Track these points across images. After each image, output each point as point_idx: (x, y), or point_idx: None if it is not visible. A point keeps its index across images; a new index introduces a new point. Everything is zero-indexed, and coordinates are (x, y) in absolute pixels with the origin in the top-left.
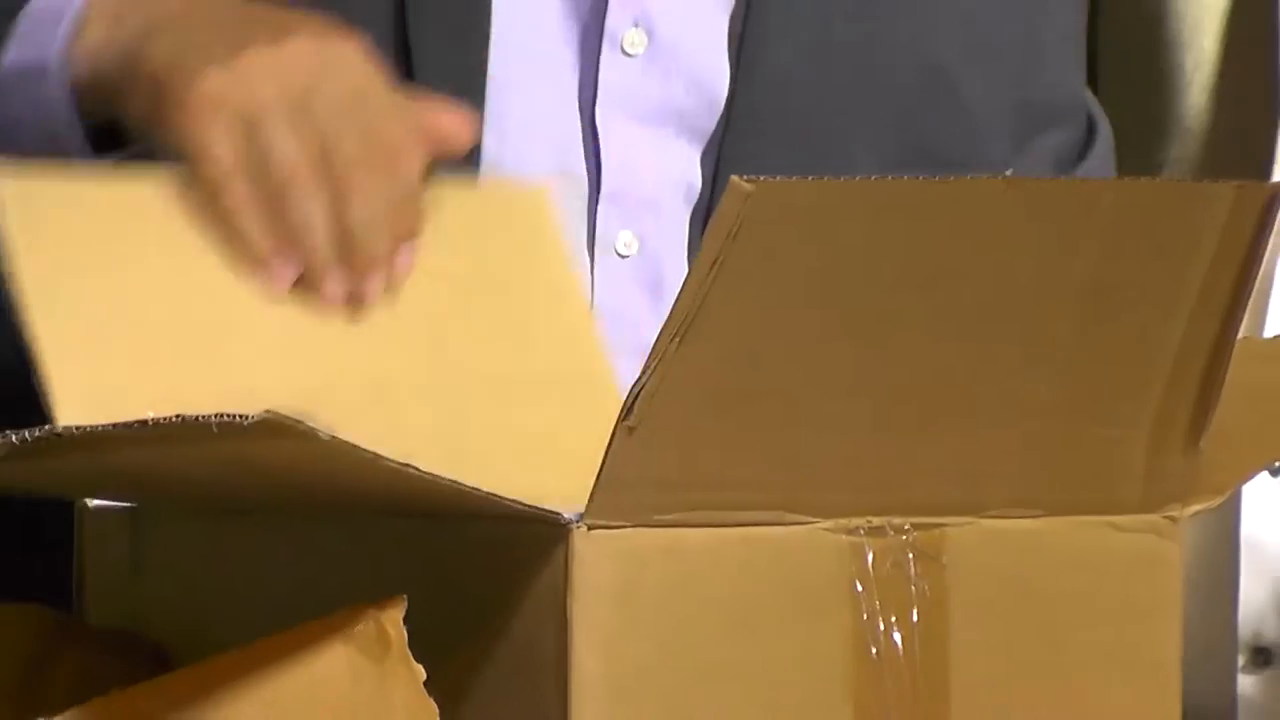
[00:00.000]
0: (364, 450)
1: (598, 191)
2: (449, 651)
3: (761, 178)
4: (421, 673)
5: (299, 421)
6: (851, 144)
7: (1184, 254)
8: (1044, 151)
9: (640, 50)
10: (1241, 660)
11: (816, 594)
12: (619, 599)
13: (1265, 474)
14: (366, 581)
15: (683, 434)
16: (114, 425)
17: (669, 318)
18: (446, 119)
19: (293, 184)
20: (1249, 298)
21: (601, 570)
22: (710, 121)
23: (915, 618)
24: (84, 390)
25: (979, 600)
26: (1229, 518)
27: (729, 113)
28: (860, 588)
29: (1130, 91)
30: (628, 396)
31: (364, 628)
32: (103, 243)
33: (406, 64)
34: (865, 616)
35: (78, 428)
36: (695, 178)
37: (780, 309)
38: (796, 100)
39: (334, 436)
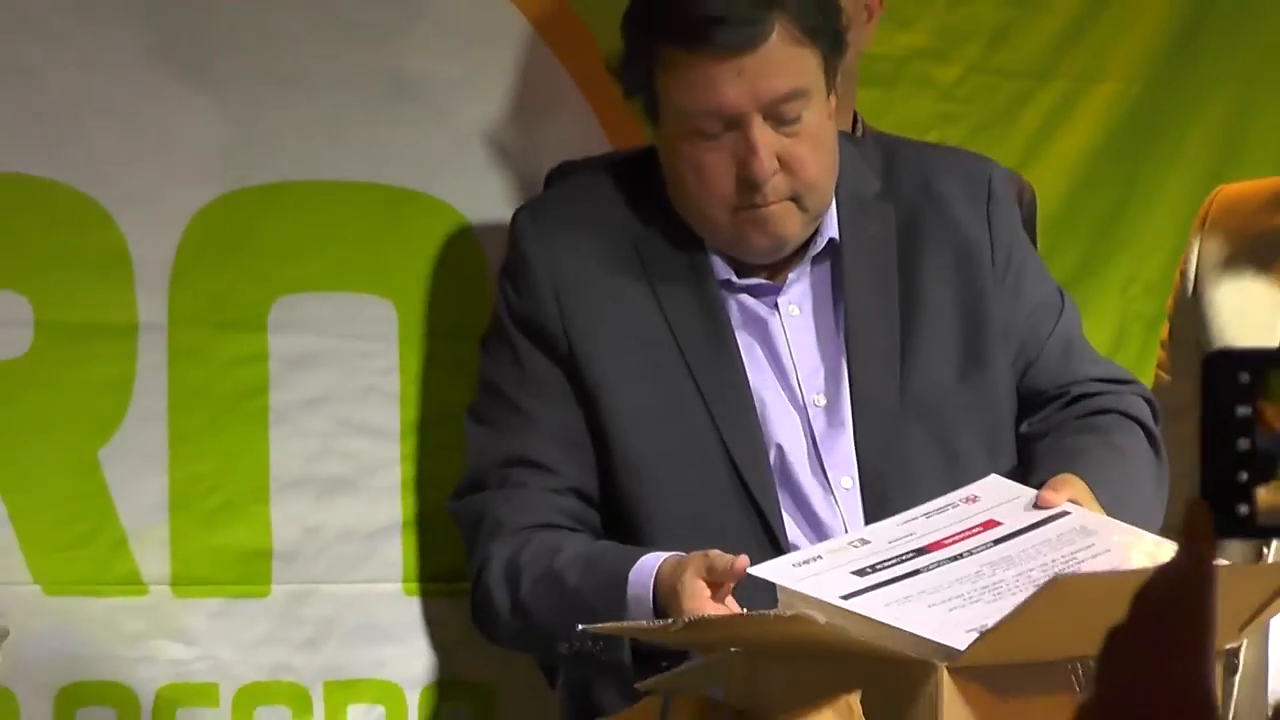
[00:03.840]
0: (832, 627)
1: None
2: None
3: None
4: None
5: (808, 614)
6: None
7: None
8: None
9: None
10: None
11: (1057, 687)
12: (965, 705)
13: None
14: (830, 685)
15: (999, 637)
16: (722, 616)
17: (1007, 618)
18: (736, 566)
19: None
20: None
21: (955, 688)
22: None
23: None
24: None
25: None
26: (1263, 649)
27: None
28: (1078, 683)
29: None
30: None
31: (841, 703)
32: None
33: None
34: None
35: (706, 617)
36: None
37: (1058, 622)
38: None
39: (826, 621)
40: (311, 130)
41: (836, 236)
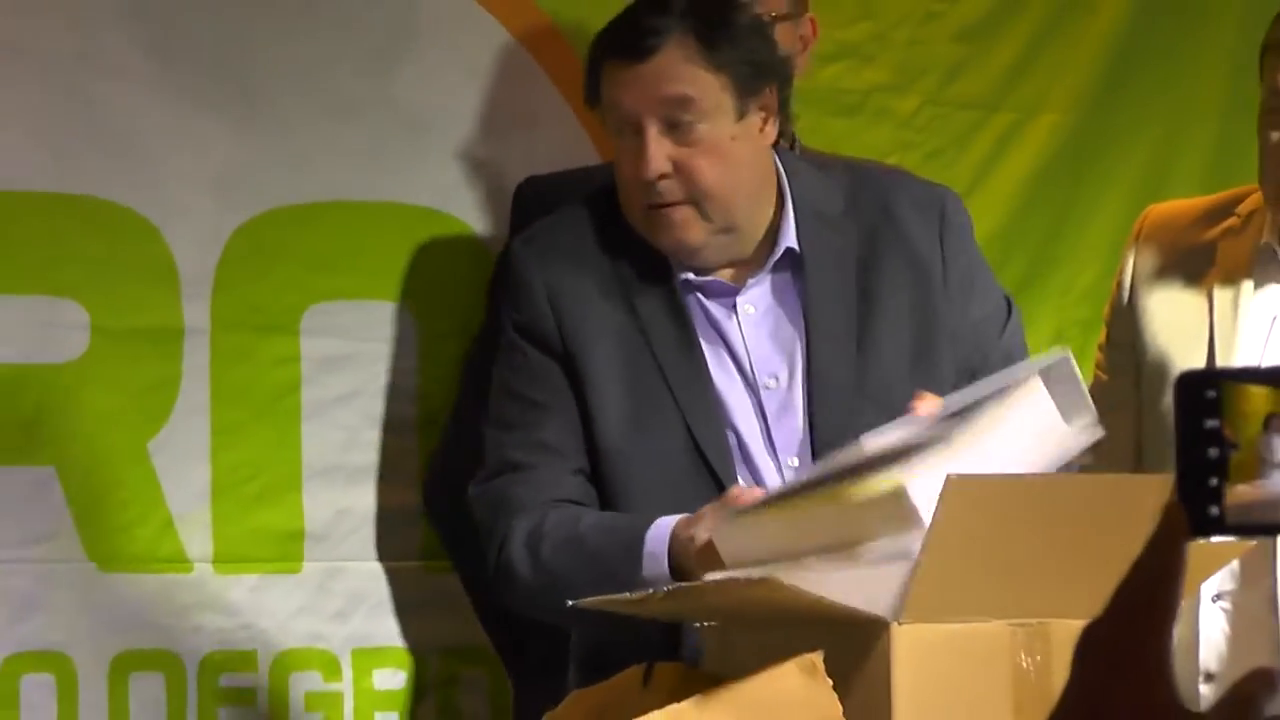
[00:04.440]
0: (797, 589)
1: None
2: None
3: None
4: (829, 683)
5: (773, 577)
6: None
7: (1145, 509)
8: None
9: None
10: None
11: (997, 648)
12: (914, 659)
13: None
14: (794, 648)
15: (936, 590)
16: (695, 585)
17: (926, 539)
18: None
19: None
20: None
21: (904, 643)
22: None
23: (1037, 658)
24: None
25: (1061, 648)
26: (1194, 623)
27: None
28: (1016, 644)
29: (1157, 442)
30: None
31: (802, 661)
32: None
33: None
34: (1021, 656)
35: (682, 586)
36: None
37: (974, 539)
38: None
39: (790, 584)
40: (338, 156)
41: (795, 247)
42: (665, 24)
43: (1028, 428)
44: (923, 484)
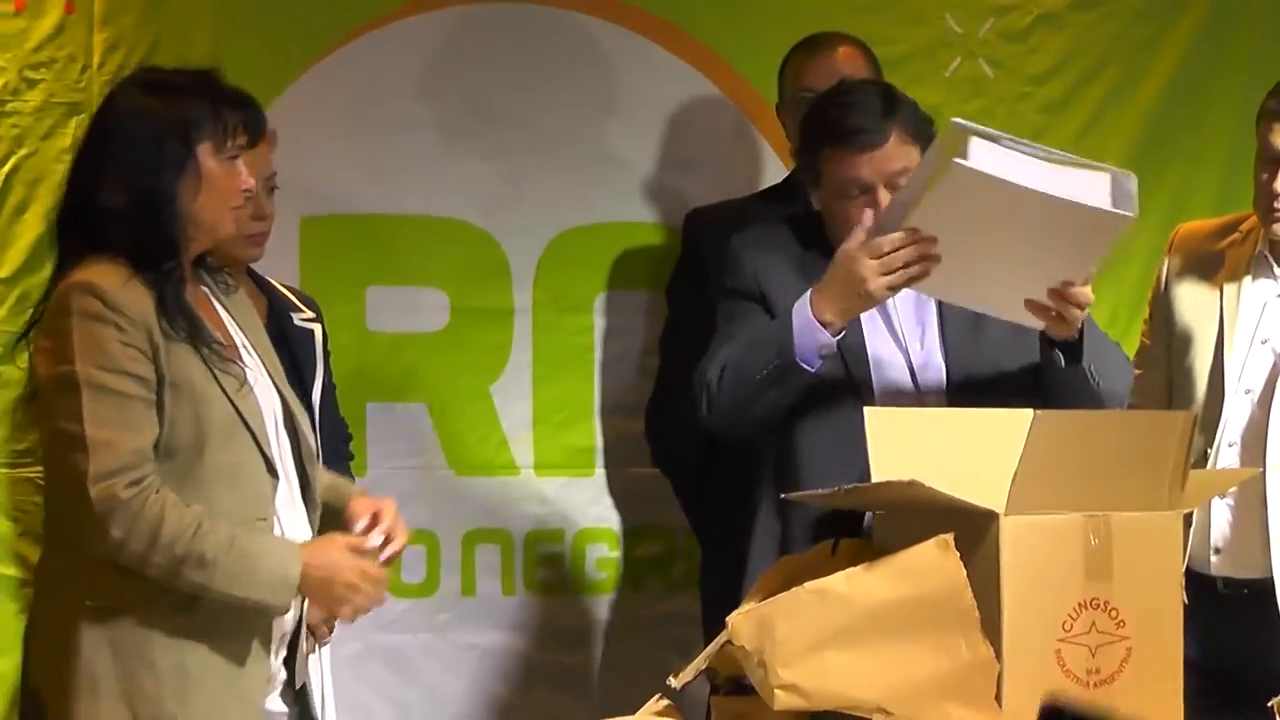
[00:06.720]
0: (934, 490)
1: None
2: (959, 550)
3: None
4: (957, 554)
5: (915, 480)
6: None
7: (1174, 435)
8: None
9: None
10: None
11: (1073, 531)
12: (1015, 539)
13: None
14: (933, 532)
15: (1031, 491)
16: (867, 486)
17: (1023, 456)
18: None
19: None
20: (1193, 454)
21: (1010, 531)
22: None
23: (1100, 539)
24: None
25: (1118, 531)
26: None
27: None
28: (1088, 530)
29: (1181, 389)
30: (1011, 482)
31: (938, 540)
32: None
33: None
34: (1089, 537)
35: (858, 486)
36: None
37: (1057, 455)
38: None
39: (921, 483)
40: (615, 190)
41: None
42: (885, 123)
43: (1082, 189)
44: (985, 147)
